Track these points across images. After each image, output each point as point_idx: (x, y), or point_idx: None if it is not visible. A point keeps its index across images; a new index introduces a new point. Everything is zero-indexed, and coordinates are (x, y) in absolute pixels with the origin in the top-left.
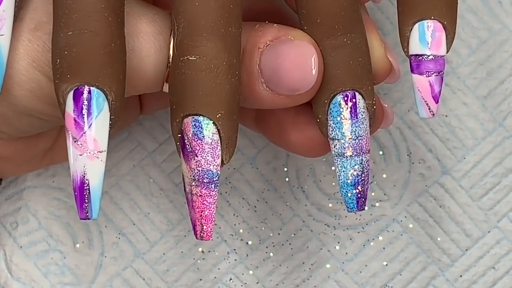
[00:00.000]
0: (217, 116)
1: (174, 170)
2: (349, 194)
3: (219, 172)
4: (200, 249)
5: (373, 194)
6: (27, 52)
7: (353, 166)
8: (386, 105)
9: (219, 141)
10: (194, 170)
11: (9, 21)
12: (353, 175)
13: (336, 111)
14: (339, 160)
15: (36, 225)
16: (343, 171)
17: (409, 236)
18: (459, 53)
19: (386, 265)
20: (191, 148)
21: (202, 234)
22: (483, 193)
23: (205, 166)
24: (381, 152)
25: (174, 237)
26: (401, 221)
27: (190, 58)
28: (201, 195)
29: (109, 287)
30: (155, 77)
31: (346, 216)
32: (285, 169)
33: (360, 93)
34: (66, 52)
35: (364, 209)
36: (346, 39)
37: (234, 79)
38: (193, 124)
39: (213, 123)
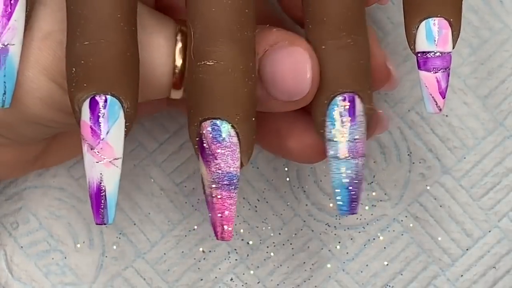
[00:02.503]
0: (236, 119)
1: (175, 170)
2: (341, 197)
3: (238, 174)
4: (200, 249)
5: (373, 193)
6: (37, 60)
7: (347, 168)
8: (381, 111)
9: (238, 144)
10: (214, 173)
11: (20, 31)
12: (347, 177)
13: (334, 113)
14: (334, 162)
15: (37, 225)
16: (337, 173)
17: (409, 236)
18: (460, 52)
19: (387, 265)
20: (211, 151)
21: (223, 234)
22: (483, 193)
23: (225, 168)
24: (381, 152)
25: (174, 237)
26: (402, 220)
27: (207, 63)
28: (221, 197)
29: (110, 287)
30: (162, 84)
31: (346, 216)
32: (286, 168)
33: (359, 96)
34: (82, 62)
35: (356, 212)
36: (350, 40)
37: (251, 82)
38: (212, 127)
39: (231, 126)
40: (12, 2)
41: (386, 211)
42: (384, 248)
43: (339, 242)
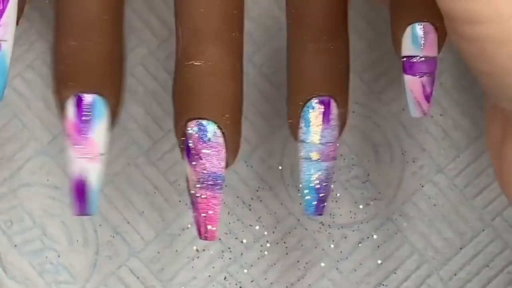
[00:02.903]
0: (222, 120)
1: (169, 168)
2: (309, 198)
3: (224, 175)
4: (194, 248)
5: (367, 193)
6: None
7: (317, 170)
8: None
9: (223, 144)
10: (199, 173)
11: (12, 27)
12: (317, 179)
13: (308, 115)
14: (304, 163)
15: (31, 224)
16: (307, 174)
17: (403, 235)
18: (454, 51)
19: (381, 263)
20: (196, 151)
21: (206, 234)
22: (477, 192)
23: (210, 169)
24: (375, 151)
25: (168, 235)
26: (396, 219)
27: (195, 63)
28: (206, 197)
29: (104, 285)
30: None
31: (340, 215)
32: (280, 167)
33: (335, 100)
34: (69, 61)
35: (322, 214)
36: (330, 45)
37: (238, 83)
38: (198, 127)
39: (217, 126)
40: None
41: (379, 210)
42: (378, 247)
43: (333, 241)
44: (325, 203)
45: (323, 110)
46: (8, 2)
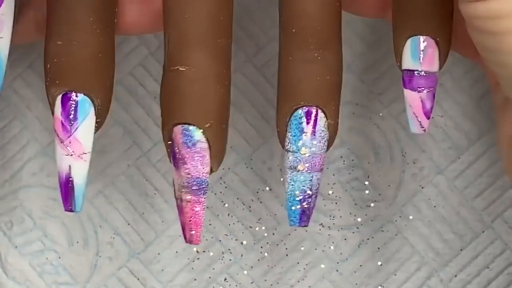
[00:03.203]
0: (206, 125)
1: (169, 169)
2: (293, 208)
3: (208, 180)
4: (195, 249)
5: (367, 194)
6: None
7: (302, 181)
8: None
9: (208, 150)
10: (184, 177)
11: (9, 24)
12: (302, 190)
13: (295, 125)
14: (290, 173)
15: (31, 225)
16: (293, 184)
17: (403, 237)
18: (454, 53)
19: (381, 265)
20: (181, 156)
21: (191, 238)
22: (477, 193)
23: (194, 173)
24: (375, 152)
25: (169, 237)
26: (396, 221)
27: (180, 68)
28: (190, 202)
29: (104, 287)
30: None
31: (341, 217)
32: (280, 169)
33: (323, 111)
34: (55, 60)
35: (307, 225)
36: (318, 55)
37: (223, 89)
38: (182, 132)
39: (202, 132)
40: None
41: (380, 211)
42: (378, 248)
43: (333, 243)
44: (310, 215)
45: (309, 120)
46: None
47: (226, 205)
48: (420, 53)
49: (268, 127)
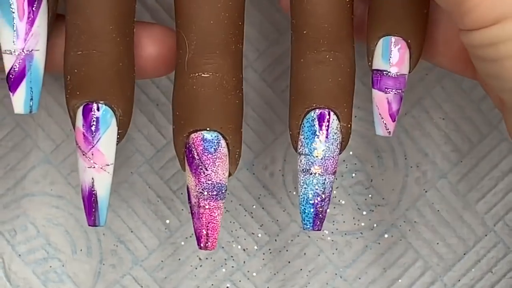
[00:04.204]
0: (228, 130)
1: (172, 176)
2: (307, 212)
3: (227, 184)
4: (197, 256)
5: (371, 198)
6: None
7: (315, 184)
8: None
9: (227, 154)
10: (204, 183)
11: (44, 37)
12: (315, 193)
13: (308, 127)
14: (303, 176)
15: (35, 233)
16: (305, 187)
17: (407, 241)
18: None
19: (385, 271)
20: (201, 162)
21: (207, 244)
22: (480, 197)
23: (215, 179)
24: (378, 156)
25: (172, 244)
26: (400, 226)
27: (203, 75)
28: (209, 208)
29: None
30: None
31: (344, 222)
32: (282, 174)
33: (335, 113)
34: (76, 70)
35: (320, 229)
36: (329, 56)
37: (241, 93)
38: (203, 139)
39: (223, 137)
40: (34, 9)
41: (384, 216)
42: (382, 254)
43: (336, 249)
44: (323, 219)
45: (321, 123)
46: (38, 11)
47: (229, 211)
48: (390, 53)
49: (269, 132)
